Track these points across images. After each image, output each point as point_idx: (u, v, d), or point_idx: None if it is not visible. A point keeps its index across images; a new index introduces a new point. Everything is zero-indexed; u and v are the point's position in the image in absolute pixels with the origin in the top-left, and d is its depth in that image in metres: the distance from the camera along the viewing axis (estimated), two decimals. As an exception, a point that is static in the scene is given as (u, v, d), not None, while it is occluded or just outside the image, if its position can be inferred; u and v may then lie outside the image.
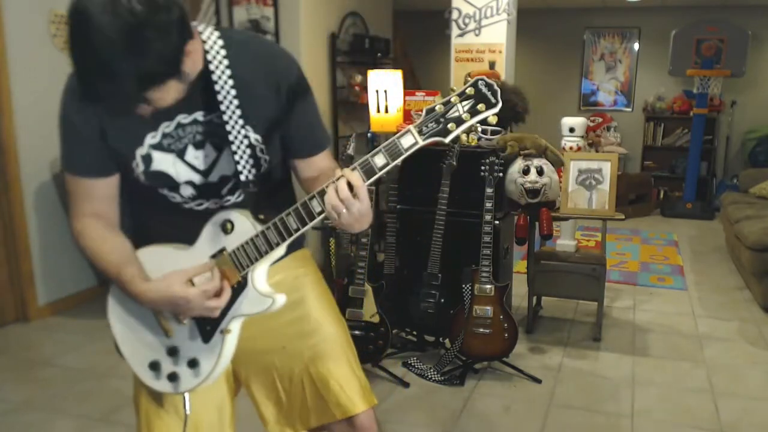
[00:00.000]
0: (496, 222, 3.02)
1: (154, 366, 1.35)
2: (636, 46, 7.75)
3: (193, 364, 1.31)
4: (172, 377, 1.33)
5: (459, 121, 1.15)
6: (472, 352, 3.05)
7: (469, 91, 1.15)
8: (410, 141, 1.16)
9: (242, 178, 1.29)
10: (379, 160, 1.17)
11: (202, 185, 1.33)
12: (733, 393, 2.95)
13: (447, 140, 1.16)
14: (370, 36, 5.59)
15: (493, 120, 1.18)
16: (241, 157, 1.29)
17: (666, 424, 2.69)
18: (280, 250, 1.25)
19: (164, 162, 1.29)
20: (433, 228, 3.04)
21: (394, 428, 2.64)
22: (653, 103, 7.61)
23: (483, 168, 2.96)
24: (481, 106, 1.15)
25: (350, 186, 1.16)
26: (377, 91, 3.28)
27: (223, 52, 1.27)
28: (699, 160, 6.84)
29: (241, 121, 1.27)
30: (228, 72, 1.26)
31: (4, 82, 3.50)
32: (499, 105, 1.15)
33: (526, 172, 3.20)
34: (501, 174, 2.99)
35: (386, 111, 3.29)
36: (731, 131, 7.49)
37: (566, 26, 7.92)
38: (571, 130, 4.34)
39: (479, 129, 3.20)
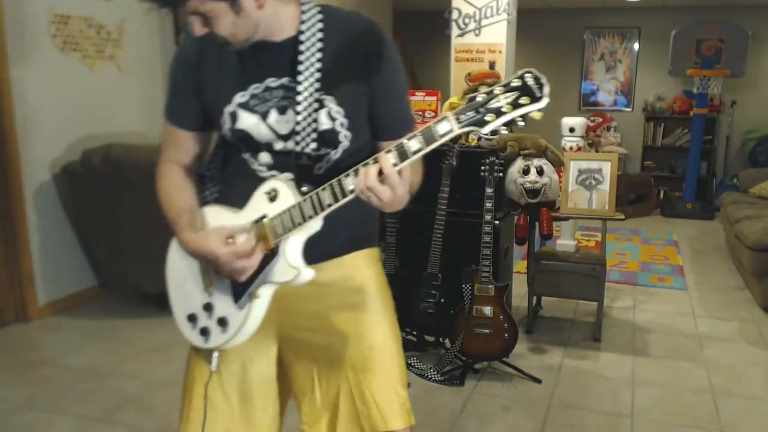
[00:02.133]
0: (496, 222, 3.02)
1: (192, 318, 1.40)
2: (636, 46, 7.75)
3: (222, 322, 1.35)
4: (204, 331, 1.38)
5: (499, 113, 1.11)
6: (472, 352, 3.05)
7: (515, 82, 1.10)
8: (446, 128, 1.13)
9: (298, 147, 1.30)
10: (414, 144, 1.15)
11: (279, 153, 1.34)
12: (733, 393, 2.96)
13: (484, 131, 1.12)
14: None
15: (537, 116, 1.11)
16: (306, 126, 1.30)
17: (666, 424, 2.69)
18: (315, 222, 1.25)
19: (248, 121, 1.33)
20: (433, 228, 3.04)
21: (394, 428, 2.64)
22: (653, 103, 7.62)
23: (483, 168, 2.96)
24: (524, 99, 1.09)
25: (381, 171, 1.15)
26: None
27: (319, 25, 1.31)
28: (699, 160, 6.84)
29: (316, 86, 1.29)
30: (319, 44, 1.30)
31: (4, 82, 3.50)
32: (545, 100, 1.09)
33: (526, 172, 3.20)
34: (501, 174, 2.99)
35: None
36: (731, 131, 7.49)
37: (566, 26, 7.92)
38: (571, 130, 4.35)
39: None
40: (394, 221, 3.19)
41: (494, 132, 1.14)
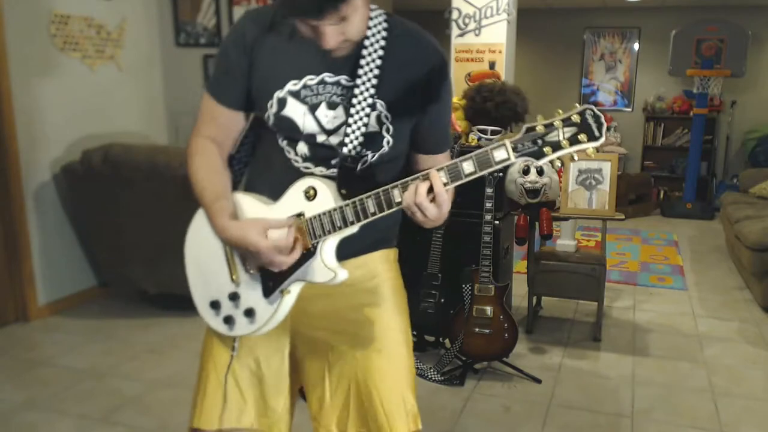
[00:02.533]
0: (496, 222, 3.02)
1: (215, 305, 1.40)
2: (636, 46, 7.75)
3: (249, 313, 1.36)
4: (228, 320, 1.38)
5: (556, 147, 1.15)
6: (472, 352, 3.05)
7: (575, 118, 1.14)
8: (503, 155, 1.17)
9: (345, 149, 1.31)
10: (468, 166, 1.19)
11: (319, 146, 1.35)
12: (733, 393, 2.96)
13: (540, 163, 1.17)
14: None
15: (592, 153, 1.16)
16: (356, 129, 1.31)
17: (666, 424, 2.69)
18: (354, 228, 1.27)
19: (295, 110, 1.33)
20: (433, 228, 3.03)
21: (394, 428, 2.64)
22: (653, 103, 7.61)
23: (483, 168, 2.95)
24: (582, 137, 1.14)
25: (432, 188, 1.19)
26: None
27: (384, 33, 1.33)
28: (699, 160, 6.84)
29: (372, 91, 1.31)
30: (380, 51, 1.32)
31: (4, 82, 3.50)
32: (602, 140, 1.14)
33: (526, 172, 3.20)
34: (501, 174, 2.99)
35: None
36: (731, 131, 7.49)
37: (566, 26, 7.92)
38: (571, 130, 4.34)
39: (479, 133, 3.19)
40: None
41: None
